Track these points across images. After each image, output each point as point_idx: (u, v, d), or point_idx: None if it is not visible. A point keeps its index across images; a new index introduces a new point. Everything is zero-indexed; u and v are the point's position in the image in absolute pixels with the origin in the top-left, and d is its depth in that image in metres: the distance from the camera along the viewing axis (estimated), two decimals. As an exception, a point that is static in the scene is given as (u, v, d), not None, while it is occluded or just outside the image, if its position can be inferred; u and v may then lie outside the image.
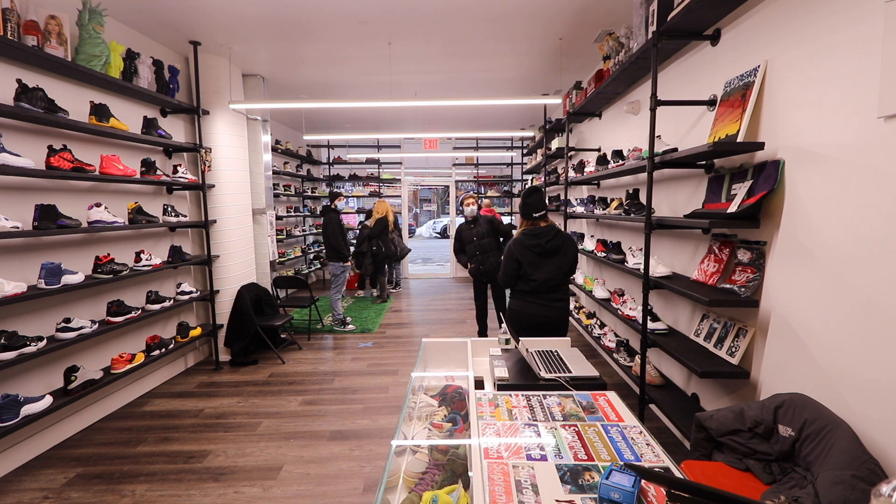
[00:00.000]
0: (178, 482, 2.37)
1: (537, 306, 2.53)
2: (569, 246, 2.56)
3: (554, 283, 2.53)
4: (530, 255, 2.51)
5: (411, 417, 1.75)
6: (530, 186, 2.73)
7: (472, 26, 3.49)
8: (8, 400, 2.21)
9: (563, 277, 2.56)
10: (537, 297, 2.53)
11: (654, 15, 2.45)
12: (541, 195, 2.59)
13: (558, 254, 2.53)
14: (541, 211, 2.55)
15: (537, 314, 2.53)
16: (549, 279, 2.51)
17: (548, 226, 2.55)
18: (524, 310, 2.57)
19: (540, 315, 2.53)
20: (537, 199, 2.56)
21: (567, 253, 2.55)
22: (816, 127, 1.67)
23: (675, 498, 0.95)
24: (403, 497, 1.43)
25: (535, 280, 2.51)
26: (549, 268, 2.51)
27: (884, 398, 1.39)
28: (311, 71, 4.64)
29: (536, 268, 2.51)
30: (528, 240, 2.52)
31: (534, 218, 2.55)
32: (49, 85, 2.64)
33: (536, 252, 2.50)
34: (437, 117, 7.18)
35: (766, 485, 1.54)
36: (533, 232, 2.52)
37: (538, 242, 2.49)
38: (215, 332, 4.05)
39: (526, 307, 2.55)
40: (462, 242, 4.28)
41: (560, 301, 2.58)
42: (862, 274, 1.48)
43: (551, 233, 2.51)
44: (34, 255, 2.60)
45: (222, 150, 4.15)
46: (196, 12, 3.20)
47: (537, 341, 2.05)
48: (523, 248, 2.53)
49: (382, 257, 6.29)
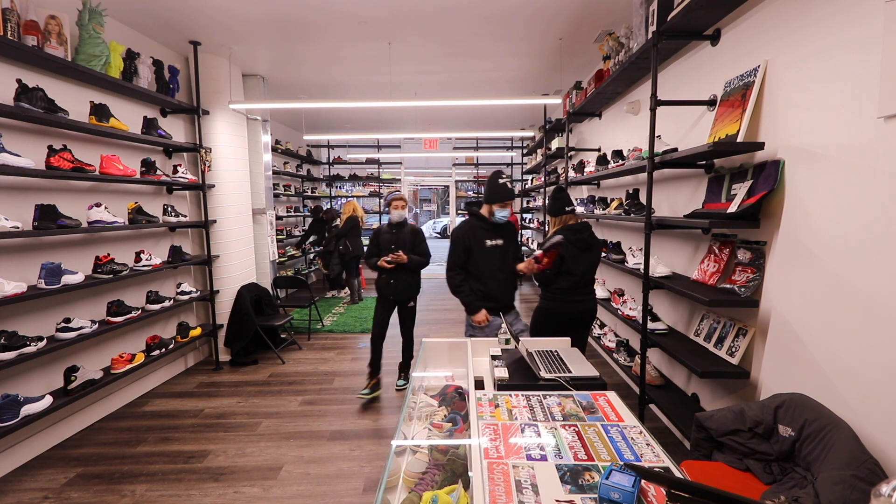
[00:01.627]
0: (178, 482, 2.37)
1: (574, 303, 2.59)
2: (598, 240, 2.71)
3: (589, 276, 2.63)
4: (573, 249, 2.59)
5: (411, 417, 1.75)
6: (557, 186, 2.94)
7: (472, 26, 3.49)
8: (8, 400, 2.21)
9: (595, 270, 2.67)
10: (576, 292, 2.58)
11: (654, 15, 2.45)
12: (567, 192, 2.74)
13: (594, 248, 2.64)
14: (571, 206, 2.67)
15: (574, 310, 2.59)
16: (586, 273, 2.60)
17: (583, 221, 2.68)
18: (561, 308, 2.60)
19: (576, 311, 2.59)
20: (567, 195, 2.69)
21: (599, 246, 2.70)
22: (816, 127, 1.67)
23: (675, 498, 0.95)
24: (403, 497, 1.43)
25: (575, 275, 2.56)
26: (586, 262, 2.59)
27: (884, 398, 1.39)
28: (311, 71, 4.64)
29: (577, 262, 2.56)
30: (571, 235, 2.59)
31: (566, 212, 2.67)
32: (49, 85, 2.64)
33: (579, 247, 2.57)
34: (437, 117, 7.18)
35: (766, 485, 1.54)
36: (574, 227, 2.60)
37: (581, 237, 2.58)
38: (215, 332, 4.05)
39: (563, 305, 2.60)
40: (378, 248, 3.42)
41: (593, 293, 2.70)
42: (862, 274, 1.48)
43: (588, 227, 2.63)
44: (34, 255, 2.60)
45: (222, 150, 4.15)
46: (196, 12, 3.20)
47: (537, 341, 2.05)
48: (569, 243, 2.58)
49: (350, 257, 6.26)
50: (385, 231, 3.44)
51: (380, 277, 3.37)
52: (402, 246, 3.29)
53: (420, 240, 3.43)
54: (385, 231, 3.44)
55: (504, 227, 2.70)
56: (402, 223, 3.42)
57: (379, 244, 3.41)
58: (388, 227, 3.46)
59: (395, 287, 3.32)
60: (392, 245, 3.31)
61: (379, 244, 3.41)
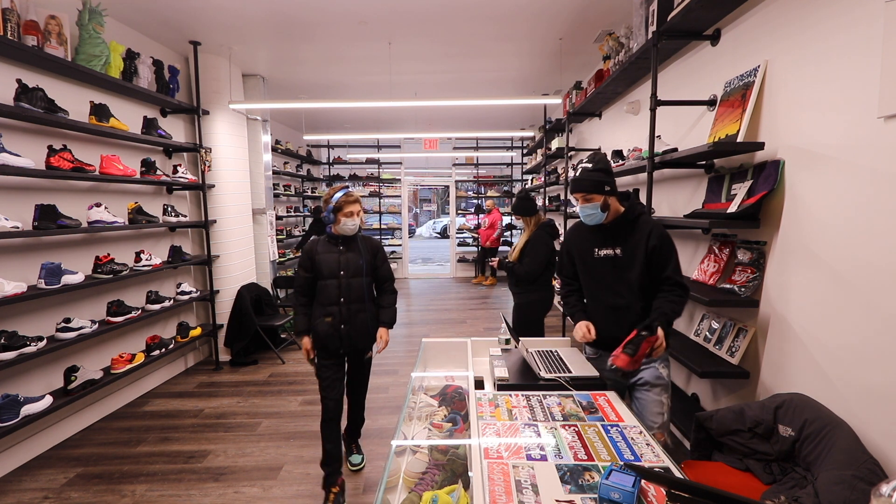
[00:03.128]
0: (178, 482, 2.37)
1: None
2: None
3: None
4: (553, 242, 2.86)
5: (411, 417, 1.75)
6: (523, 189, 3.09)
7: (472, 26, 3.49)
8: (8, 400, 2.21)
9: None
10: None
11: (654, 15, 2.45)
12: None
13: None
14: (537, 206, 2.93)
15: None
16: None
17: (549, 217, 3.01)
18: (553, 296, 2.77)
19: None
20: (533, 197, 2.88)
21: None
22: (816, 127, 1.67)
23: (675, 498, 0.95)
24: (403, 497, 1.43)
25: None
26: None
27: (884, 398, 1.39)
28: (311, 71, 4.64)
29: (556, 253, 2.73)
30: (551, 230, 2.87)
31: (537, 211, 2.88)
32: (49, 85, 2.64)
33: (556, 239, 2.86)
34: (437, 117, 7.18)
35: (766, 485, 1.54)
36: (549, 223, 2.86)
37: (556, 231, 2.84)
38: (215, 332, 4.05)
39: (554, 293, 2.76)
40: (316, 270, 2.21)
41: None
42: (862, 274, 1.48)
43: (553, 220, 2.95)
44: (34, 255, 2.60)
45: (222, 150, 4.15)
46: (196, 12, 3.20)
47: (537, 341, 2.05)
48: (549, 237, 2.83)
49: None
50: (324, 249, 2.21)
51: (321, 321, 2.18)
52: (353, 270, 2.21)
53: (382, 259, 2.33)
54: (324, 249, 2.21)
55: (622, 229, 1.81)
56: (355, 236, 2.26)
57: (317, 269, 2.19)
58: (327, 241, 2.24)
59: (348, 334, 2.19)
60: (340, 271, 2.18)
61: (317, 269, 2.19)
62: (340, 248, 2.23)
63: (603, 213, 1.76)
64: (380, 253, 2.34)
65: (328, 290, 2.19)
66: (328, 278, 2.19)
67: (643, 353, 1.54)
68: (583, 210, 1.78)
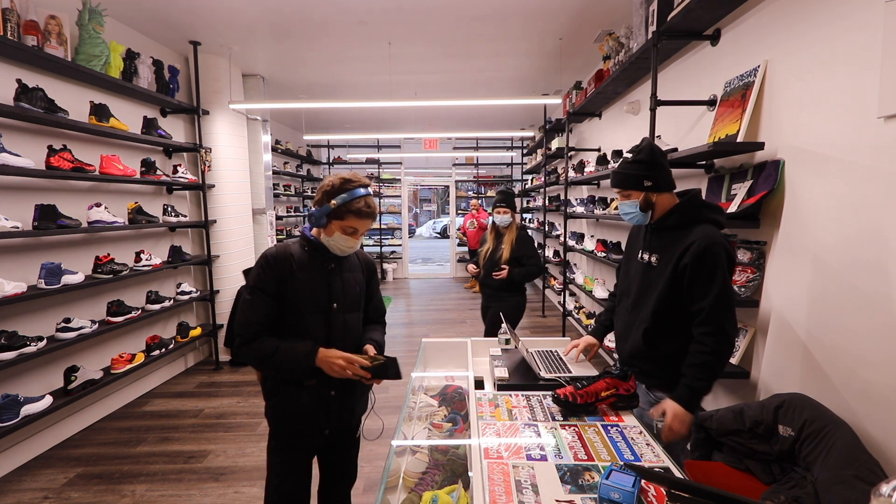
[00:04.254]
0: (178, 482, 2.37)
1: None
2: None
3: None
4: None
5: (411, 417, 1.75)
6: (506, 187, 3.34)
7: (472, 26, 3.49)
8: (8, 400, 2.21)
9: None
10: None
11: (654, 15, 2.45)
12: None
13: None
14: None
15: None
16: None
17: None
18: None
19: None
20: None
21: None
22: (816, 127, 1.67)
23: (675, 498, 0.95)
24: (403, 497, 1.43)
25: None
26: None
27: (884, 398, 1.39)
28: (311, 71, 4.64)
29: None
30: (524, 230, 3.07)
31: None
32: (49, 85, 2.63)
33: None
34: (437, 117, 7.18)
35: (766, 485, 1.54)
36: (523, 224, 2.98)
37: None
38: (215, 332, 4.05)
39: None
40: (287, 299, 1.40)
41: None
42: (862, 274, 1.48)
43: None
44: (34, 255, 2.60)
45: (222, 150, 4.15)
46: (196, 12, 3.20)
47: (537, 341, 2.05)
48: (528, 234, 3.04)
49: None
50: (304, 265, 1.42)
51: (297, 388, 1.45)
52: (351, 302, 1.50)
53: (376, 285, 1.65)
54: (304, 265, 1.42)
55: (668, 234, 1.52)
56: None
57: (290, 296, 1.40)
58: (308, 251, 1.45)
59: (342, 403, 1.50)
60: (332, 303, 1.45)
61: (290, 296, 1.40)
62: (331, 267, 1.46)
63: (644, 213, 1.49)
64: (375, 276, 1.64)
65: (310, 331, 1.41)
66: (310, 313, 1.41)
67: (596, 390, 1.33)
68: (620, 207, 1.55)
